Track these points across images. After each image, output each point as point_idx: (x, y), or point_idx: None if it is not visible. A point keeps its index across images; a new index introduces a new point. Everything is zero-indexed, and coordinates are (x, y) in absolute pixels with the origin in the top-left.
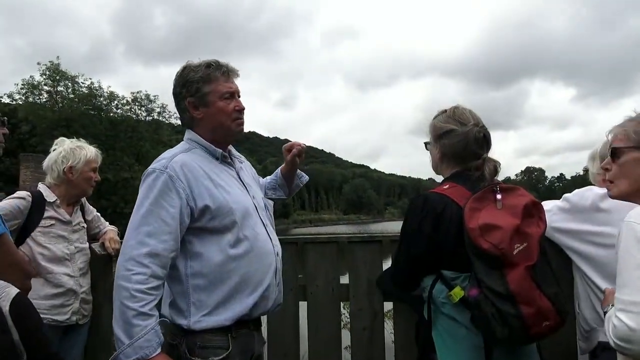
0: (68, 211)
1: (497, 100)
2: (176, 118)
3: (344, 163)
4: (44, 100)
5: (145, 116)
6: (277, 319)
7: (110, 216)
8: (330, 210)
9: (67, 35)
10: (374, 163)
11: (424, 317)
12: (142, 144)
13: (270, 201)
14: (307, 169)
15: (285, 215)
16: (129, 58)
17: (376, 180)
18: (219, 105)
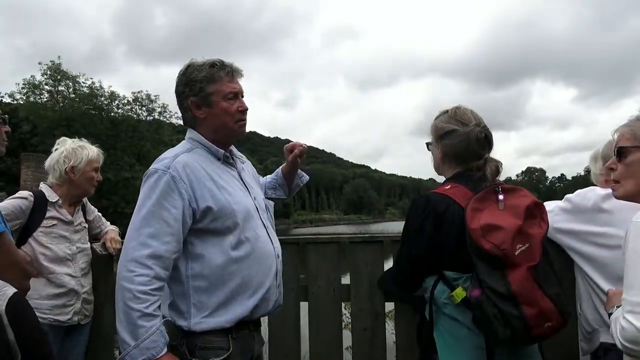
0: (70, 211)
1: (498, 100)
2: (177, 118)
3: (345, 163)
4: (45, 100)
5: (146, 116)
6: (278, 320)
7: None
8: (331, 211)
9: (69, 35)
10: (374, 163)
11: (426, 318)
12: (143, 143)
13: (270, 202)
14: (308, 169)
15: (285, 215)
16: (130, 58)
17: (377, 181)
18: (223, 105)
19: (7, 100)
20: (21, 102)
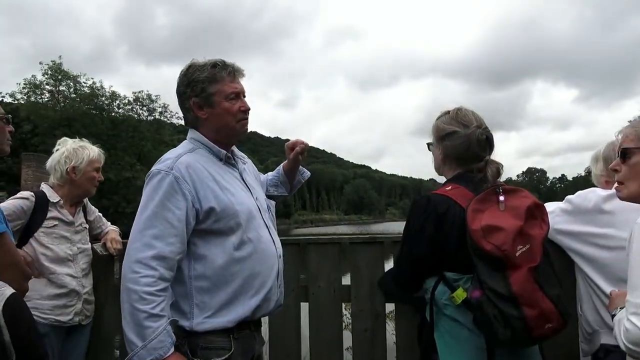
0: (71, 212)
1: (499, 100)
2: (178, 118)
3: (346, 163)
4: (46, 99)
5: (147, 116)
6: (279, 320)
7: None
8: (332, 211)
9: (70, 35)
10: (375, 163)
11: (426, 319)
12: (144, 143)
13: (272, 202)
14: (309, 169)
15: (286, 216)
16: (131, 58)
17: (377, 181)
18: (225, 105)
19: (8, 100)
20: (22, 102)
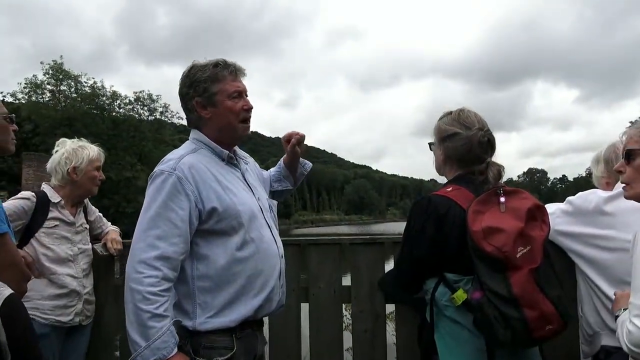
0: (72, 212)
1: (500, 101)
2: (178, 118)
3: (346, 163)
4: (47, 99)
5: (148, 116)
6: (279, 321)
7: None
8: (332, 211)
9: (71, 35)
10: (375, 163)
11: (426, 320)
12: (145, 143)
13: (274, 201)
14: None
15: (286, 216)
16: (132, 58)
17: (378, 181)
18: (227, 104)
19: (9, 99)
20: (23, 102)
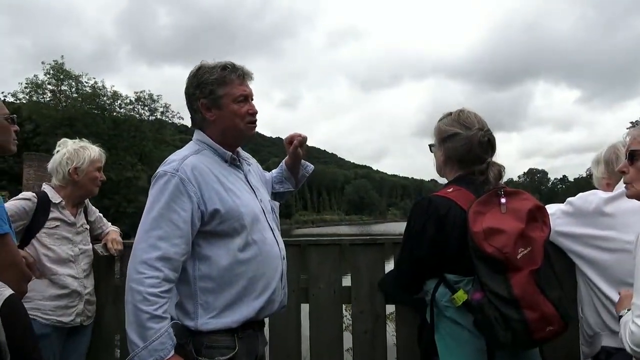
0: (72, 212)
1: (501, 101)
2: (179, 118)
3: (347, 164)
4: (48, 99)
5: (149, 116)
6: (280, 321)
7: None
8: (333, 211)
9: (72, 34)
10: (376, 164)
11: (427, 320)
12: (145, 143)
13: (276, 203)
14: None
15: (287, 216)
16: (133, 58)
17: (378, 181)
18: (233, 108)
19: (10, 99)
20: (24, 102)
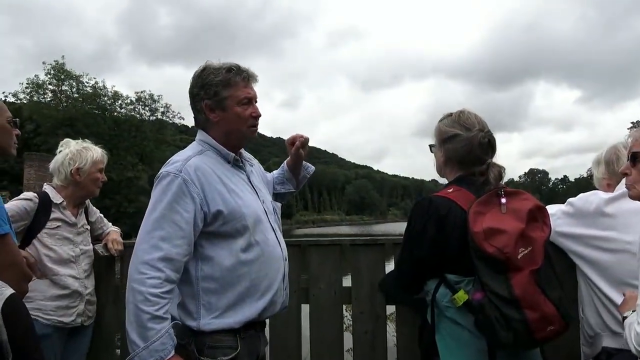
0: (73, 213)
1: (501, 101)
2: (180, 118)
3: (347, 164)
4: (49, 99)
5: (149, 116)
6: (280, 321)
7: (113, 215)
8: (333, 211)
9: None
10: (377, 164)
11: (427, 321)
12: (146, 143)
13: (278, 204)
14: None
15: (288, 216)
16: (134, 58)
17: (379, 181)
18: (236, 110)
19: (11, 99)
20: (25, 102)
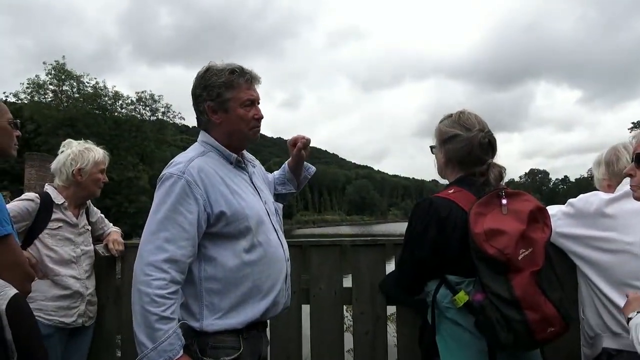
0: (75, 213)
1: (502, 101)
2: (180, 118)
3: (348, 164)
4: (49, 99)
5: (150, 116)
6: (281, 322)
7: (114, 215)
8: (334, 211)
9: (73, 35)
10: (377, 164)
11: (428, 321)
12: (147, 143)
13: (279, 204)
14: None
15: (288, 216)
16: (134, 58)
17: (379, 182)
18: (239, 112)
19: (12, 99)
20: (25, 102)
